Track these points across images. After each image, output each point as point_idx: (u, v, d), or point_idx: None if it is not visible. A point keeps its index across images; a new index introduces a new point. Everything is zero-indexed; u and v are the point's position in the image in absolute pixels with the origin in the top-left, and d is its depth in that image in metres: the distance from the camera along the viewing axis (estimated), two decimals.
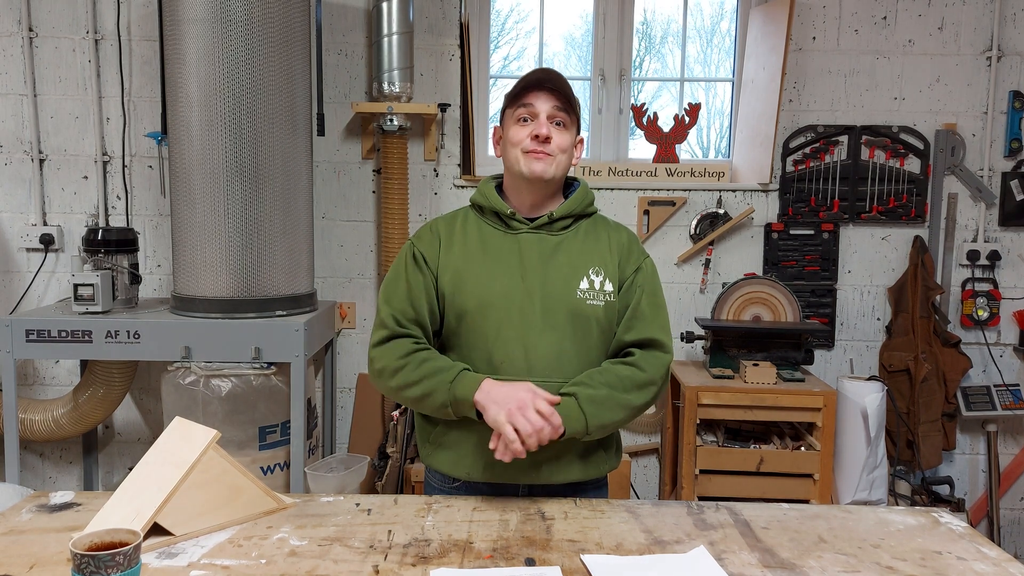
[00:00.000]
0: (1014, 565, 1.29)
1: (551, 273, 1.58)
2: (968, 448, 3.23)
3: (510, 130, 1.62)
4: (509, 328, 1.55)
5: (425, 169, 3.14)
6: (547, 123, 1.58)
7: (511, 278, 1.57)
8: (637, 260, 1.65)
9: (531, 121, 1.59)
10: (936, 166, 3.10)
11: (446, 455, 1.62)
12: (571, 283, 1.58)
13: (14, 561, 1.24)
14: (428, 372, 1.52)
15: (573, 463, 1.59)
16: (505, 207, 1.62)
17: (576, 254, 1.61)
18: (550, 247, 1.60)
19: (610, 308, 1.60)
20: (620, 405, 1.52)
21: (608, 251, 1.63)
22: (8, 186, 3.11)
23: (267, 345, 2.54)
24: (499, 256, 1.59)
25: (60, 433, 2.96)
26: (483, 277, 1.58)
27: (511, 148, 1.61)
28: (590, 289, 1.58)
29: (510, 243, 1.60)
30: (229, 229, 2.57)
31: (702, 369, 2.94)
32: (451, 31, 3.08)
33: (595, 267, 1.60)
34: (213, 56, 2.50)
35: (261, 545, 1.33)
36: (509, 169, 1.64)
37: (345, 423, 3.24)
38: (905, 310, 3.09)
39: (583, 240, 1.63)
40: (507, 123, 1.63)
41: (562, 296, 1.57)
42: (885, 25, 3.07)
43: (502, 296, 1.56)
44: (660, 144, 3.15)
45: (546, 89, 1.59)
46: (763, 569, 1.27)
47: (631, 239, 1.69)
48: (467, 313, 1.57)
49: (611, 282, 1.61)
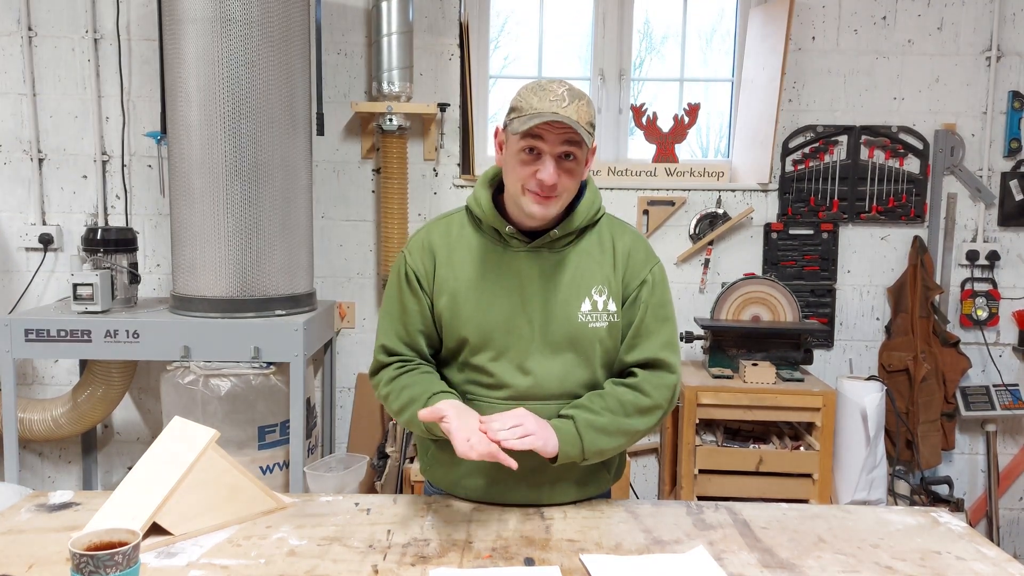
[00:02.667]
0: (1013, 565, 1.29)
1: (552, 296, 1.49)
2: (967, 448, 3.23)
3: (512, 155, 1.44)
4: (509, 355, 1.49)
5: (425, 169, 3.14)
6: (554, 165, 1.40)
7: (511, 304, 1.49)
8: (642, 272, 1.54)
9: (536, 157, 1.40)
10: (935, 166, 3.10)
11: (444, 473, 1.58)
12: (572, 305, 1.49)
13: (13, 561, 1.24)
14: (406, 401, 1.47)
15: (572, 486, 1.54)
16: (503, 224, 1.49)
17: (578, 273, 1.51)
18: (551, 266, 1.50)
19: (614, 328, 1.52)
20: (621, 431, 1.46)
21: (612, 266, 1.53)
22: (7, 185, 3.11)
23: (266, 345, 2.54)
24: (497, 279, 1.50)
25: (59, 433, 2.96)
26: (482, 304, 1.49)
27: (511, 173, 1.45)
28: (592, 311, 1.50)
29: (508, 263, 1.51)
30: (228, 229, 2.56)
31: (701, 369, 2.94)
32: (451, 31, 3.08)
33: (598, 286, 1.51)
34: (212, 56, 2.49)
35: (260, 545, 1.33)
36: (508, 188, 1.49)
37: (344, 423, 3.24)
38: (904, 310, 3.09)
39: (587, 255, 1.52)
40: (510, 138, 1.44)
41: (563, 320, 1.49)
42: (885, 25, 3.07)
43: (502, 325, 1.49)
44: (660, 144, 3.15)
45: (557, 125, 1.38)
46: (762, 569, 1.27)
47: (636, 246, 1.56)
48: (467, 341, 1.51)
49: (615, 301, 1.52)
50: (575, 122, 1.36)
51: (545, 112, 1.36)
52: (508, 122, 1.44)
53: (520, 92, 1.44)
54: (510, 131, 1.43)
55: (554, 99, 1.38)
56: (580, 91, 1.42)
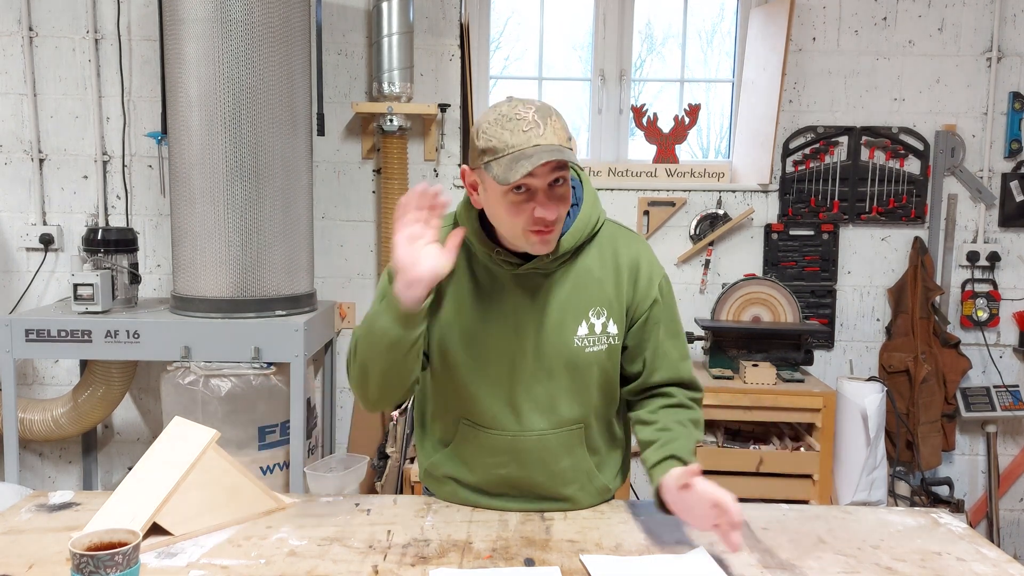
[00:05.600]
0: (1013, 566, 1.29)
1: (546, 320, 1.41)
2: (968, 449, 3.23)
3: (500, 201, 1.31)
4: (499, 386, 1.43)
5: (425, 169, 3.14)
6: (547, 198, 1.29)
7: (503, 332, 1.42)
8: (652, 291, 1.47)
9: (527, 195, 1.29)
10: (936, 167, 3.10)
11: (445, 488, 1.55)
12: (567, 330, 1.41)
13: (13, 561, 1.24)
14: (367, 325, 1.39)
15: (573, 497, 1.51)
16: (491, 247, 1.39)
17: (574, 294, 1.42)
18: (545, 290, 1.41)
19: (613, 352, 1.45)
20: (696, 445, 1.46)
21: (615, 283, 1.44)
22: (8, 185, 3.11)
23: (267, 345, 2.54)
24: (490, 303, 1.42)
25: (59, 433, 2.96)
26: (474, 332, 1.42)
27: (505, 221, 1.33)
28: (590, 335, 1.42)
29: (500, 285, 1.42)
30: (229, 229, 2.57)
31: (702, 369, 2.94)
32: (451, 31, 3.08)
33: (596, 308, 1.43)
34: (213, 56, 2.50)
35: (260, 545, 1.33)
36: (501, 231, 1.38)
37: (345, 423, 3.24)
38: (905, 311, 3.09)
39: (585, 274, 1.43)
40: (489, 182, 1.30)
41: (557, 345, 1.42)
42: (885, 26, 3.07)
43: (493, 356, 1.42)
44: (660, 145, 3.15)
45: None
46: (763, 570, 1.27)
47: (641, 259, 1.47)
48: (456, 368, 1.44)
49: (616, 323, 1.44)
50: (558, 148, 1.26)
51: (525, 147, 1.25)
52: (483, 164, 1.29)
53: (485, 129, 1.29)
54: (491, 177, 1.27)
55: (527, 128, 1.26)
56: (546, 106, 1.31)
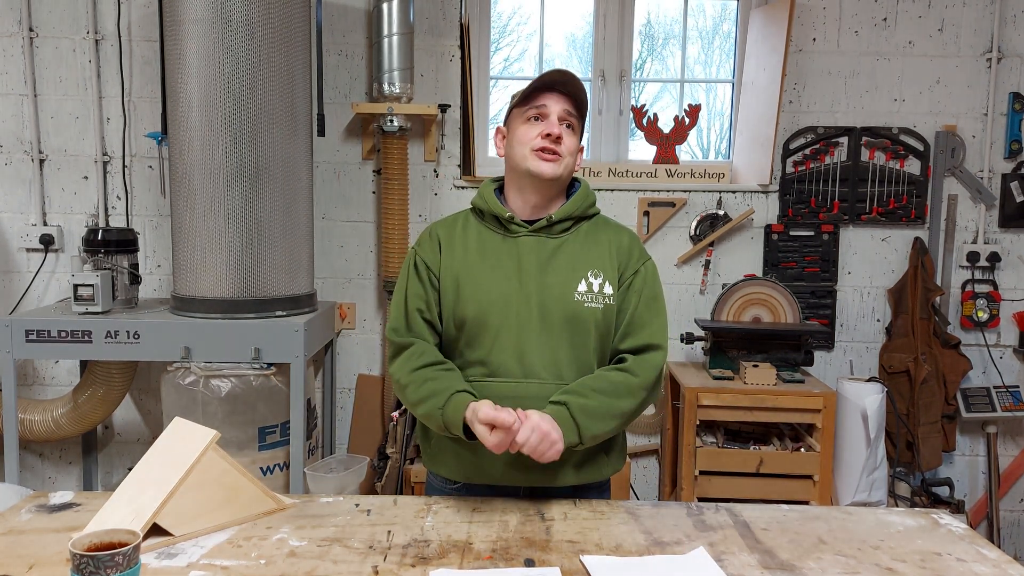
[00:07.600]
0: (1014, 567, 1.29)
1: (549, 276, 1.57)
2: (968, 450, 3.23)
3: (518, 129, 1.60)
4: (506, 334, 1.55)
5: (425, 170, 3.14)
6: (558, 124, 1.57)
7: (508, 283, 1.57)
8: (637, 263, 1.63)
9: (541, 120, 1.58)
10: (936, 168, 3.10)
11: (445, 459, 1.63)
12: (569, 286, 1.57)
13: (13, 561, 1.24)
14: (426, 395, 1.51)
15: (570, 469, 1.58)
16: (503, 210, 1.61)
17: (575, 256, 1.60)
18: (549, 250, 1.59)
19: (609, 311, 1.59)
20: (612, 414, 1.51)
21: (608, 254, 1.62)
22: (8, 186, 3.11)
23: (267, 345, 2.54)
24: (497, 261, 1.59)
25: (60, 433, 2.96)
26: (481, 283, 1.57)
27: (518, 146, 1.59)
28: (588, 292, 1.57)
29: (508, 247, 1.60)
30: (229, 229, 2.57)
31: (702, 370, 2.94)
32: (451, 32, 3.08)
33: (594, 269, 1.59)
34: (213, 56, 2.50)
35: (260, 546, 1.33)
36: (514, 168, 1.62)
37: (345, 423, 3.24)
38: (905, 311, 3.09)
39: (583, 242, 1.62)
40: (514, 121, 1.62)
41: (559, 299, 1.56)
42: (885, 27, 3.07)
43: (499, 302, 1.56)
44: (660, 145, 3.15)
45: (560, 91, 1.58)
46: (763, 570, 1.27)
47: (632, 241, 1.67)
48: (466, 322, 1.57)
49: (611, 284, 1.59)
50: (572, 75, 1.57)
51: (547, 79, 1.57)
52: (511, 108, 1.63)
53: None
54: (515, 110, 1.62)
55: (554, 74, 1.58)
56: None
